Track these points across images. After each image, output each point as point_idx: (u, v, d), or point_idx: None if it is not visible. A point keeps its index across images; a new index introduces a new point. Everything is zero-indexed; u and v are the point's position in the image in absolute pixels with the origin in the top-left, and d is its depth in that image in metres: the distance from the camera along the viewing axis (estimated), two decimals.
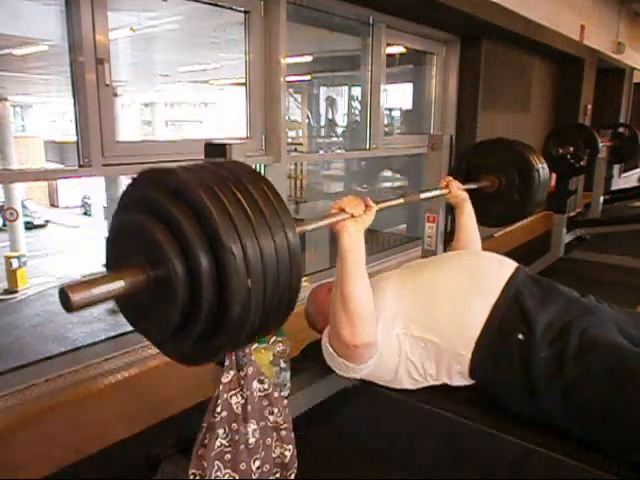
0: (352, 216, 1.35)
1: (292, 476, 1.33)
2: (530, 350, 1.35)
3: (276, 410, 1.31)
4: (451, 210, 2.16)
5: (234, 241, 0.83)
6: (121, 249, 0.94)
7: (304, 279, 2.69)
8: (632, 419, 1.22)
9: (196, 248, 0.83)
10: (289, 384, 1.81)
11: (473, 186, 2.13)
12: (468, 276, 1.55)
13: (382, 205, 1.52)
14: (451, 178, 2.01)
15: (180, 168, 0.91)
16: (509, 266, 1.58)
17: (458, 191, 1.97)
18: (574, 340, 1.33)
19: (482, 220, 2.06)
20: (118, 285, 0.84)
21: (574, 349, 1.31)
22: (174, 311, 0.86)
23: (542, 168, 2.25)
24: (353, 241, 1.37)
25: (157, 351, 1.95)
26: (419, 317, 1.48)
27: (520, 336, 1.38)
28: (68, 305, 0.77)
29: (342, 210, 1.35)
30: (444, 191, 1.96)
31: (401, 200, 1.68)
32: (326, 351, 1.50)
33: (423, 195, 1.87)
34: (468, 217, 1.99)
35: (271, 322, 0.95)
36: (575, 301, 1.50)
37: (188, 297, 0.85)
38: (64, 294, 0.77)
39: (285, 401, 1.35)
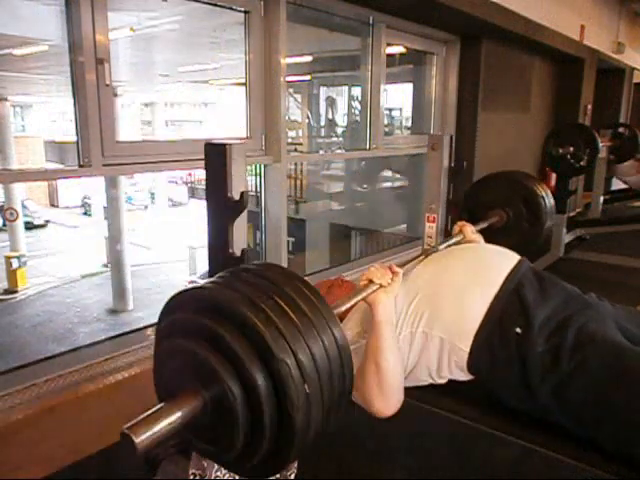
0: (381, 286, 1.36)
1: (292, 476, 1.33)
2: (527, 344, 1.35)
3: None
4: (451, 211, 2.16)
5: (285, 351, 0.82)
6: (171, 377, 0.93)
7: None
8: (629, 417, 1.22)
9: (249, 365, 0.82)
10: None
11: (484, 225, 2.15)
12: (470, 269, 1.55)
13: (406, 267, 1.55)
14: (464, 222, 2.00)
15: (213, 285, 0.91)
16: (512, 259, 1.58)
17: (473, 235, 1.97)
18: (571, 335, 1.33)
19: None
20: (177, 415, 0.82)
21: (571, 344, 1.32)
22: (237, 431, 0.85)
23: (546, 195, 2.28)
24: (387, 312, 1.38)
25: None
26: (423, 314, 1.48)
27: (518, 330, 1.38)
28: (134, 449, 0.76)
29: (370, 281, 1.36)
30: (459, 237, 1.96)
31: (422, 257, 1.71)
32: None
33: (441, 246, 1.89)
34: None
35: (332, 419, 0.94)
36: (576, 296, 1.50)
37: (249, 415, 0.84)
38: (127, 438, 0.75)
39: None
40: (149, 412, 0.80)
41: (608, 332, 1.36)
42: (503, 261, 1.56)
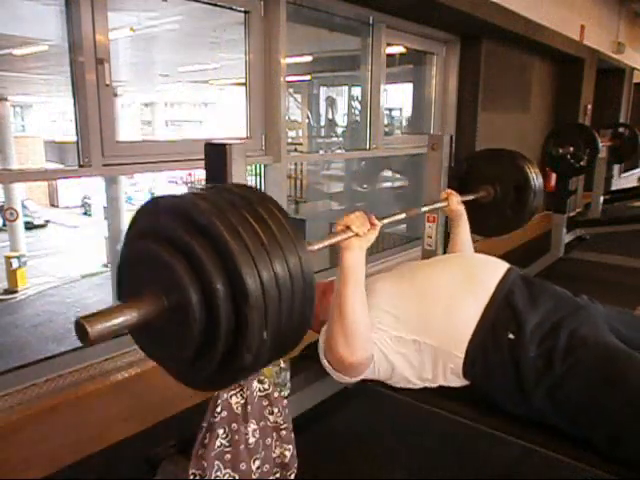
0: (357, 235, 1.36)
1: (292, 476, 1.33)
2: (520, 349, 1.36)
3: (276, 410, 1.32)
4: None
5: (251, 270, 0.83)
6: (135, 277, 0.93)
7: None
8: (622, 419, 1.23)
9: (213, 277, 0.82)
10: (289, 384, 1.81)
11: (471, 197, 2.16)
12: (461, 278, 1.56)
13: (386, 221, 1.55)
14: (451, 191, 2.02)
15: (193, 196, 0.91)
16: (501, 267, 1.59)
17: (457, 205, 1.99)
18: (563, 339, 1.34)
19: (477, 230, 2.09)
20: (134, 314, 0.83)
21: (563, 348, 1.33)
22: (191, 341, 0.85)
23: (537, 180, 2.28)
24: (356, 259, 1.38)
25: None
26: (414, 320, 1.48)
27: (511, 336, 1.39)
28: (85, 338, 0.76)
29: (348, 228, 1.36)
30: (443, 204, 1.98)
31: (403, 215, 1.72)
32: (323, 363, 1.50)
33: (424, 209, 1.90)
34: (463, 231, 2.01)
35: (288, 344, 0.96)
36: (567, 300, 1.51)
37: (205, 325, 0.84)
38: (81, 327, 0.76)
39: (285, 401, 1.35)
40: (108, 308, 0.81)
41: (600, 334, 1.36)
42: (493, 269, 1.58)
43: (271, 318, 0.85)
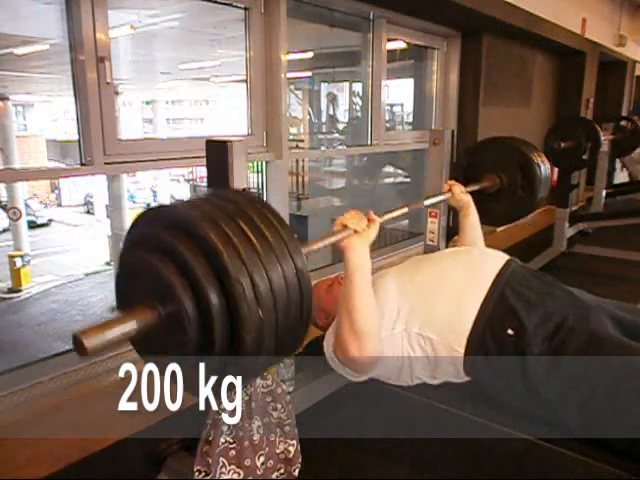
0: (355, 232, 1.34)
1: (296, 472, 1.34)
2: (522, 346, 1.35)
3: (279, 406, 1.32)
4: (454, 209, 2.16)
5: (242, 273, 0.82)
6: (131, 288, 0.94)
7: None
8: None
9: (204, 284, 0.83)
10: (293, 380, 1.81)
11: (475, 187, 2.13)
12: (463, 273, 1.55)
13: (386, 217, 1.51)
14: (454, 182, 2.01)
15: (182, 204, 0.93)
16: (500, 260, 1.57)
17: (461, 195, 1.97)
18: (570, 335, 1.32)
19: (485, 220, 2.07)
20: (130, 326, 0.83)
21: (572, 346, 1.31)
22: (187, 348, 0.86)
23: (543, 163, 2.25)
24: (360, 258, 1.36)
25: None
26: (418, 315, 1.48)
27: (510, 332, 1.37)
28: (82, 351, 0.77)
29: (345, 227, 1.34)
30: (447, 195, 1.96)
31: (405, 209, 1.67)
32: (331, 360, 1.49)
33: (427, 202, 1.87)
34: (472, 220, 1.99)
35: (286, 349, 0.95)
36: (567, 294, 1.49)
37: (200, 333, 0.85)
38: (78, 340, 0.77)
39: (288, 397, 1.36)
40: (106, 321, 0.82)
41: (602, 328, 1.35)
42: (494, 263, 1.55)
43: (267, 323, 0.85)
